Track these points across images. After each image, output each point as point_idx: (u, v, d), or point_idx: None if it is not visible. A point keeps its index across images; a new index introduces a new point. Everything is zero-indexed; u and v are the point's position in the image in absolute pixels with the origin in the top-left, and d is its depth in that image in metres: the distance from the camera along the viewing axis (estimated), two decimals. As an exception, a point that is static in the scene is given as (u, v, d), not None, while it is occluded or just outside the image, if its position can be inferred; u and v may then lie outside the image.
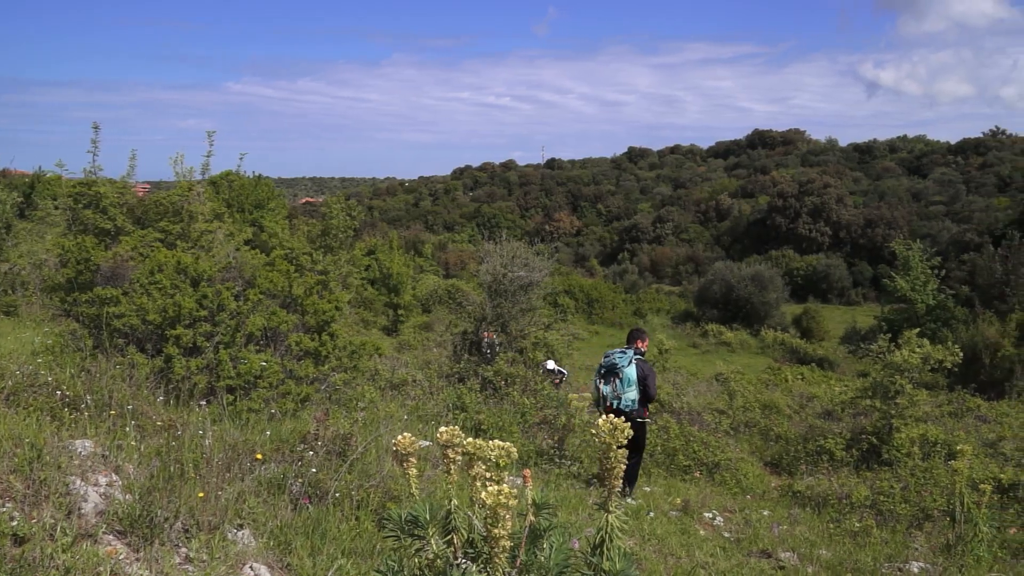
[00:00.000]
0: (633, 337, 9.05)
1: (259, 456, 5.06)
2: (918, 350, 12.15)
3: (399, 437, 2.45)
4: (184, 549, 3.70)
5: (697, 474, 10.80)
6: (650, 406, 9.04)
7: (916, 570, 6.59)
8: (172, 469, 4.28)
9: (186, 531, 3.83)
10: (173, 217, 9.28)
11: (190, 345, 7.50)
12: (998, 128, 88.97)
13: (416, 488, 2.46)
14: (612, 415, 2.36)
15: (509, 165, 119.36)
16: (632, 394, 8.52)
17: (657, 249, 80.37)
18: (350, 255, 21.84)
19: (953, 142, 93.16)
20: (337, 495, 4.89)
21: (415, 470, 2.45)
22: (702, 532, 7.52)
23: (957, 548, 7.09)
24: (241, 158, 18.28)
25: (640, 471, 9.38)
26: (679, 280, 72.60)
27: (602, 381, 8.66)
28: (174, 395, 6.97)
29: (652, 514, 7.83)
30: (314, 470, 4.98)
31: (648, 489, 9.25)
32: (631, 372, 8.52)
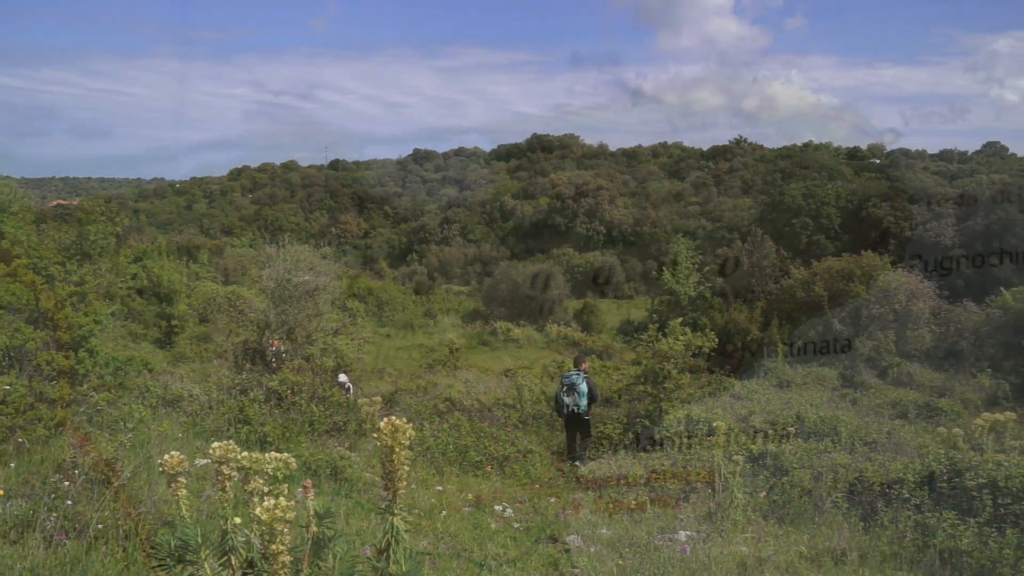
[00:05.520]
0: (579, 361, 12.95)
1: (0, 492, 4.47)
2: (681, 338, 13.32)
3: (166, 456, 2.28)
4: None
5: (489, 468, 11.08)
6: (592, 406, 12.62)
7: (684, 538, 7.23)
8: None
9: (-93, 588, 3.30)
10: None
11: (-90, 371, 6.47)
12: (741, 137, 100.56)
13: (187, 510, 2.30)
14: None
15: (291, 166, 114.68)
16: (584, 401, 12.27)
17: (445, 250, 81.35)
18: (113, 263, 19.97)
19: (705, 148, 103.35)
20: (100, 527, 4.45)
21: (185, 491, 2.29)
22: (493, 525, 7.73)
23: (717, 515, 7.88)
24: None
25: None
26: (467, 280, 73.98)
27: (565, 395, 12.29)
28: None
29: (445, 512, 7.91)
30: (71, 502, 4.49)
31: (440, 488, 9.34)
32: (583, 387, 12.29)
